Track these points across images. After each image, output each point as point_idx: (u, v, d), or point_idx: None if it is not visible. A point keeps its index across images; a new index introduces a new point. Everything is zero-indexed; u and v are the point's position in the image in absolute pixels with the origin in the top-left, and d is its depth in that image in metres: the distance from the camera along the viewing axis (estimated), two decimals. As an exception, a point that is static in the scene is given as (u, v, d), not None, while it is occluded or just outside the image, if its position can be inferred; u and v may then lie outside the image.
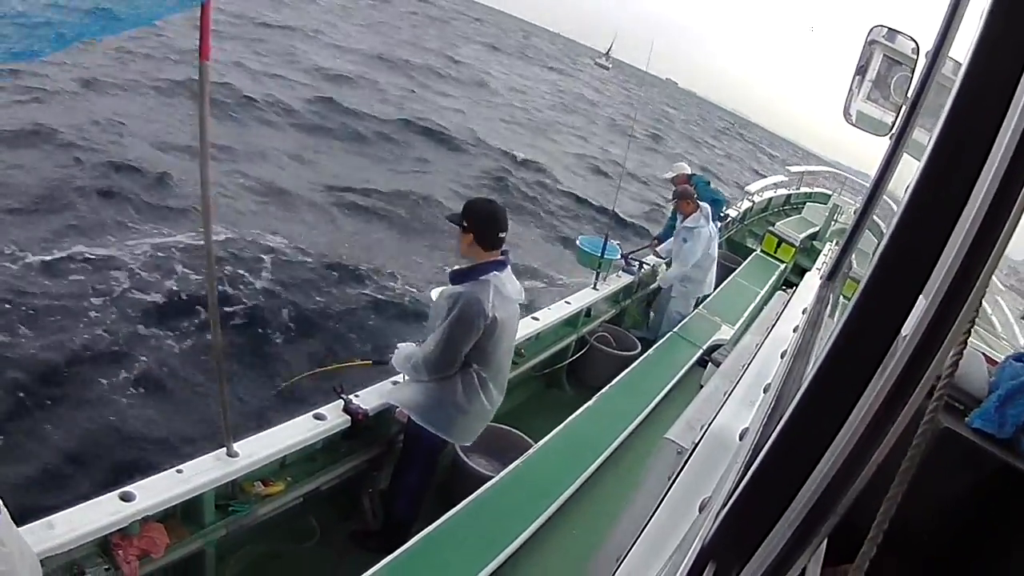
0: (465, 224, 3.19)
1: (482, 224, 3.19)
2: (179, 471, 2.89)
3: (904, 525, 0.97)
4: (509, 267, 3.30)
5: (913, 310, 0.62)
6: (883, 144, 2.33)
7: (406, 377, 3.57)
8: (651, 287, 7.10)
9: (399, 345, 3.53)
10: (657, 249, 7.14)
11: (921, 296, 0.62)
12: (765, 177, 15.32)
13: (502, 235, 3.21)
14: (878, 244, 0.68)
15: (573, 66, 75.32)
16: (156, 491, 2.76)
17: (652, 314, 7.16)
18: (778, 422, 0.73)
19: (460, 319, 3.11)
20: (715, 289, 7.21)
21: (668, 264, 6.83)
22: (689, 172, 7.44)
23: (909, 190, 0.65)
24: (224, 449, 3.04)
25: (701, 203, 6.51)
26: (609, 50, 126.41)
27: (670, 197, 6.87)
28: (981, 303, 0.66)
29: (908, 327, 0.62)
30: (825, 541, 0.81)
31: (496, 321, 3.18)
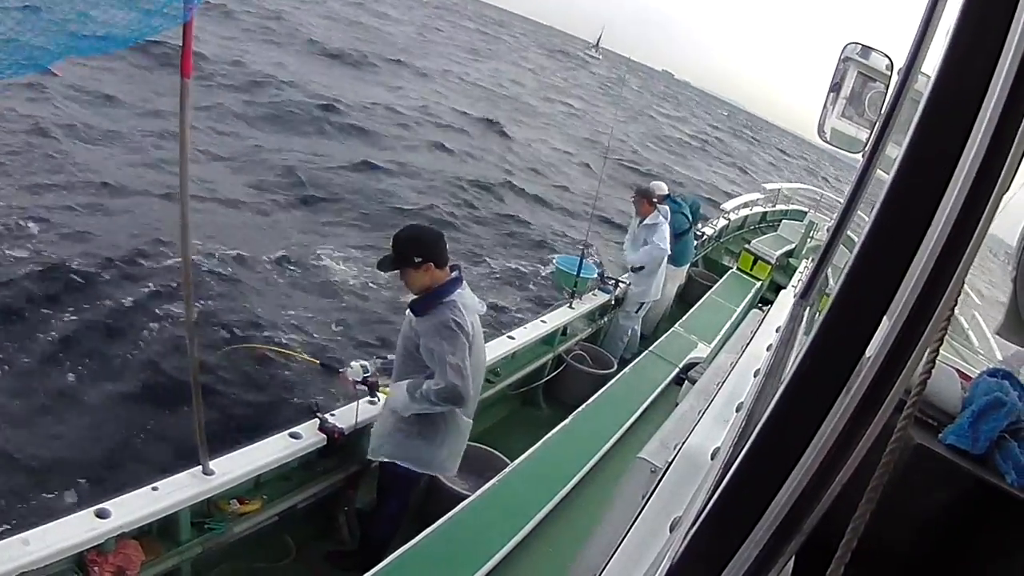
0: (418, 259, 3.09)
1: (432, 246, 3.14)
2: (155, 488, 2.89)
3: (879, 542, 0.97)
4: (464, 281, 3.26)
5: (879, 328, 0.62)
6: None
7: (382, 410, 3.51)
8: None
9: (388, 387, 3.43)
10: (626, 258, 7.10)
11: (886, 314, 0.61)
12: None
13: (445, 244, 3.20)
14: (847, 261, 0.68)
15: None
16: (132, 508, 2.77)
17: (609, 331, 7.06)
18: (748, 440, 0.73)
19: (457, 339, 3.06)
20: (694, 307, 7.26)
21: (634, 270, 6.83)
22: (666, 192, 7.52)
23: (875, 207, 0.65)
24: (200, 467, 3.03)
25: (659, 205, 6.67)
26: (598, 41, 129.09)
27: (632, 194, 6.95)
28: (950, 319, 0.66)
29: (874, 344, 0.62)
30: (792, 560, 0.81)
31: (471, 336, 3.17)
